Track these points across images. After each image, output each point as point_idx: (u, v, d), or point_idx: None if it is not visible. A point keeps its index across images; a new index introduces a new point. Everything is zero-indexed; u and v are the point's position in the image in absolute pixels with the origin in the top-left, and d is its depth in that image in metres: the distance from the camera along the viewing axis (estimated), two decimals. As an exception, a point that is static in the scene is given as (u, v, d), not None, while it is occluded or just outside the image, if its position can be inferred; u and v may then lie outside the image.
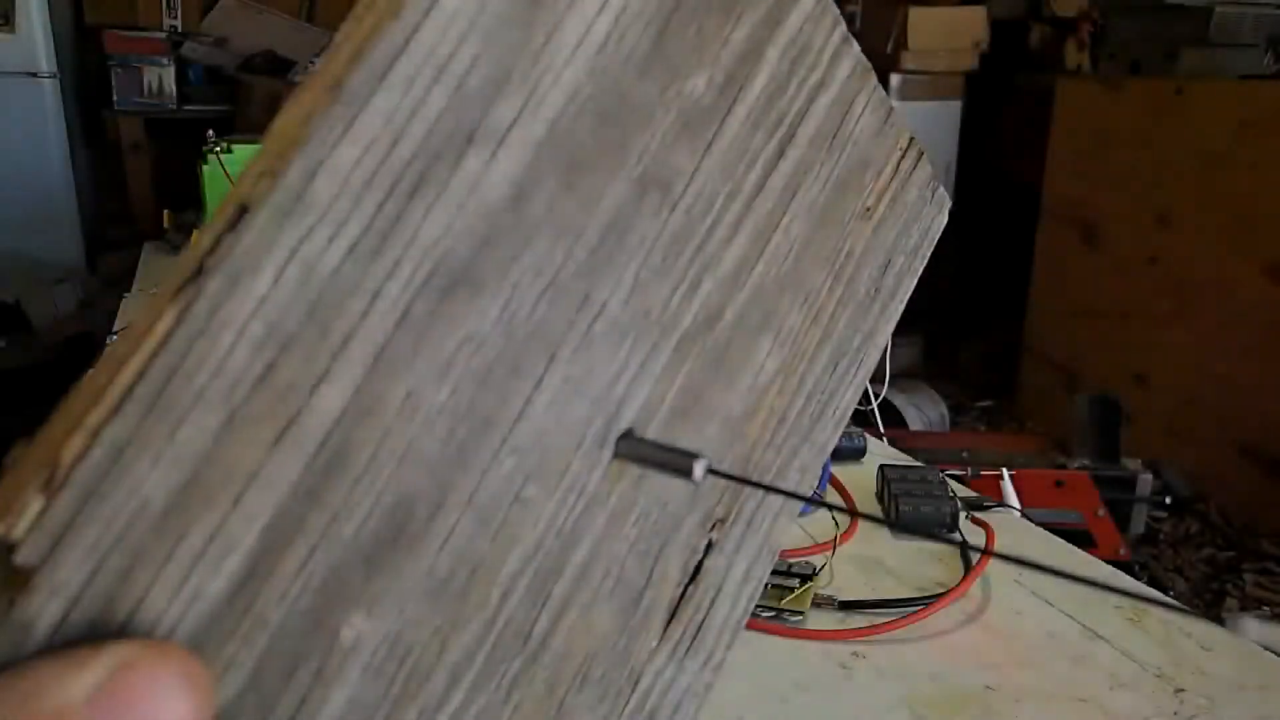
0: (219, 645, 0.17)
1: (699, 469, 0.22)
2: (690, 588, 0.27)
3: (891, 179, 0.30)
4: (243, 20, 3.33)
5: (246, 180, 0.16)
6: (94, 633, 0.15)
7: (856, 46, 0.28)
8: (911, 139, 0.30)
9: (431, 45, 0.17)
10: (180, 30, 3.28)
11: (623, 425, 0.23)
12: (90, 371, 0.16)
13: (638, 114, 0.22)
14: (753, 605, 0.29)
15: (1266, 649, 0.57)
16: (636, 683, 0.26)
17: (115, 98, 3.09)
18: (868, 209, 0.29)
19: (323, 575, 0.18)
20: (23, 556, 0.14)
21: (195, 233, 0.20)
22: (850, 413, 0.31)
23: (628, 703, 0.25)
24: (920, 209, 0.31)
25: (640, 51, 0.21)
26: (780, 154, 0.26)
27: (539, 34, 0.19)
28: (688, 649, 0.27)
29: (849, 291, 0.30)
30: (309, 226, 0.17)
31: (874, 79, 0.28)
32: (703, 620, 0.27)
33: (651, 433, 0.24)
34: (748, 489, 0.28)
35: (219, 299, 0.16)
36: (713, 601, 0.27)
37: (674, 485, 0.25)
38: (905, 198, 0.31)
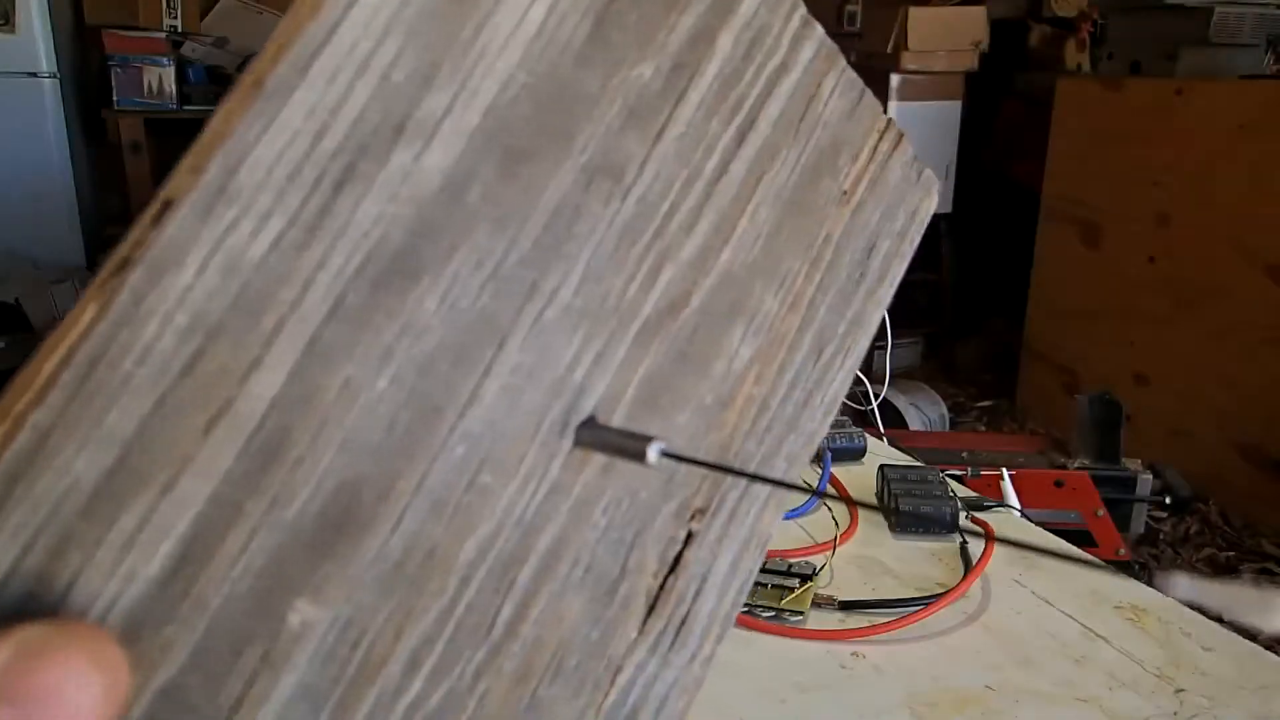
0: (157, 626, 0.17)
1: (652, 453, 0.22)
2: (670, 579, 0.26)
3: (869, 161, 0.30)
4: (243, 20, 3.34)
5: (175, 177, 0.17)
6: (27, 611, 0.15)
7: (820, 29, 0.27)
8: (889, 120, 0.30)
9: (353, 41, 0.18)
10: (180, 30, 3.29)
11: (584, 413, 0.23)
12: (24, 366, 0.16)
13: (581, 103, 0.22)
14: (743, 598, 0.28)
15: (1191, 606, 0.56)
16: (616, 675, 0.25)
17: (115, 97, 3.10)
18: (845, 192, 0.29)
19: (264, 560, 0.18)
20: None
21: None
22: (840, 400, 0.30)
23: (607, 695, 0.25)
24: (905, 191, 0.31)
25: (579, 40, 0.21)
26: (741, 140, 0.26)
27: (468, 26, 0.19)
28: (672, 642, 0.26)
29: (830, 276, 0.29)
30: (232, 219, 0.17)
31: (842, 61, 0.28)
32: (687, 613, 0.27)
33: (617, 421, 0.24)
34: (729, 479, 0.27)
35: (143, 290, 0.16)
36: (697, 594, 0.27)
37: (645, 474, 0.25)
38: (886, 180, 0.30)
